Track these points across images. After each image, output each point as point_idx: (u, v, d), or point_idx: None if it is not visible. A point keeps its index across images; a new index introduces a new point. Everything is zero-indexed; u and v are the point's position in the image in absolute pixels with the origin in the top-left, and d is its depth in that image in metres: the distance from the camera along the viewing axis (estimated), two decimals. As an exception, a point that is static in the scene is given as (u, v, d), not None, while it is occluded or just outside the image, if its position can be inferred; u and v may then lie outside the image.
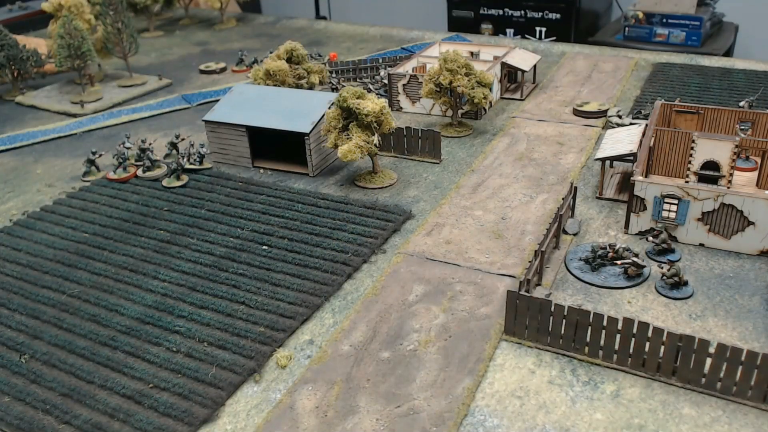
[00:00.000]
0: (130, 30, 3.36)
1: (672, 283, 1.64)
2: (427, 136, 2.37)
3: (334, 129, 2.15)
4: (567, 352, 1.48)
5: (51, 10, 3.55)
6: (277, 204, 2.13)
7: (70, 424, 1.37)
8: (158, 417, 1.37)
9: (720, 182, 1.94)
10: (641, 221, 1.86)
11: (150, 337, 1.59)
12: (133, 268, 1.86)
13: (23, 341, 1.61)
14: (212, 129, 2.45)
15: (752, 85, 2.92)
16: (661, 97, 2.78)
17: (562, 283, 1.71)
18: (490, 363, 1.48)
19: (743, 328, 1.53)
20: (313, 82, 2.81)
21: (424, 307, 1.66)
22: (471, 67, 2.49)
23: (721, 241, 1.79)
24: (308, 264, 1.82)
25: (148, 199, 2.22)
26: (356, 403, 1.39)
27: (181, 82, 3.48)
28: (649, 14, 5.48)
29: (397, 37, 4.11)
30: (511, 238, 1.91)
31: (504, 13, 6.45)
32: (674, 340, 1.35)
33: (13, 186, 2.43)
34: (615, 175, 2.20)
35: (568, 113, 2.74)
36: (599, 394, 1.38)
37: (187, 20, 4.81)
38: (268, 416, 1.37)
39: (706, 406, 1.34)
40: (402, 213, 2.04)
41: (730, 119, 2.15)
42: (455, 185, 2.22)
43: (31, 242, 2.03)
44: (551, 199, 2.10)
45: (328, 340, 1.57)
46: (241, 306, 1.67)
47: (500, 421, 1.34)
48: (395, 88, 2.86)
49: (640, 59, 3.38)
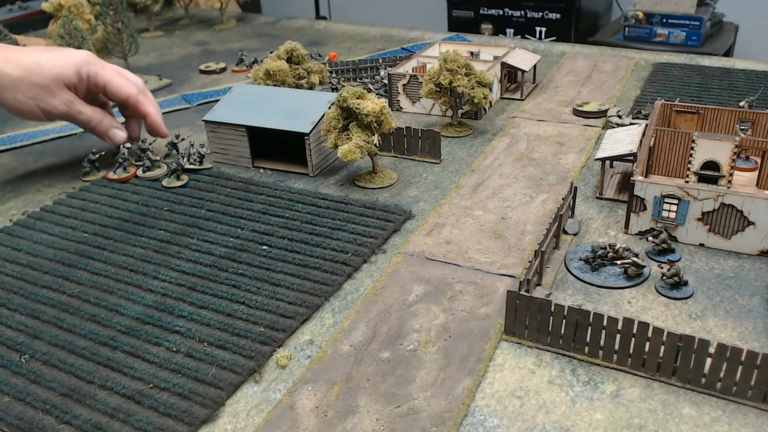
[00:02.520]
0: (130, 30, 3.36)
1: (672, 283, 1.64)
2: (427, 136, 2.38)
3: (334, 129, 2.15)
4: (567, 352, 1.48)
5: (51, 10, 3.56)
6: (277, 204, 2.13)
7: (70, 424, 1.37)
8: (158, 417, 1.37)
9: (720, 182, 1.94)
10: (641, 221, 1.86)
11: (150, 337, 1.59)
12: (133, 268, 1.86)
13: (23, 341, 1.61)
14: (212, 129, 2.45)
15: (752, 85, 2.92)
16: (661, 97, 2.78)
17: (562, 283, 1.71)
18: (490, 363, 1.48)
19: (743, 328, 1.53)
20: (313, 82, 2.81)
21: (424, 307, 1.66)
22: (471, 67, 2.49)
23: (721, 241, 1.79)
24: (308, 264, 1.82)
25: (148, 199, 2.22)
26: (356, 403, 1.39)
27: (181, 82, 3.48)
28: (649, 14, 5.48)
29: (397, 37, 4.11)
30: (511, 238, 1.91)
31: (504, 13, 6.45)
32: (674, 340, 1.35)
33: (13, 186, 2.44)
34: (615, 175, 2.20)
35: (568, 113, 2.74)
36: (599, 394, 1.38)
37: (187, 20, 4.81)
38: (268, 416, 1.37)
39: (706, 406, 1.34)
40: (402, 213, 2.04)
41: (730, 119, 2.15)
42: (455, 185, 2.22)
43: (31, 242, 2.03)
44: (551, 199, 2.10)
45: (328, 340, 1.57)
46: (241, 306, 1.67)
47: (500, 421, 1.34)
48: (395, 88, 2.86)
49: (640, 59, 3.38)
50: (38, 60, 2.23)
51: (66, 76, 2.25)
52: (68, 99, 2.28)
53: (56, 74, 2.24)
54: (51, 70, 2.23)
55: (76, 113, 2.32)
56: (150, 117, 2.43)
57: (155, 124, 2.45)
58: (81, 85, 2.31)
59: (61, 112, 2.29)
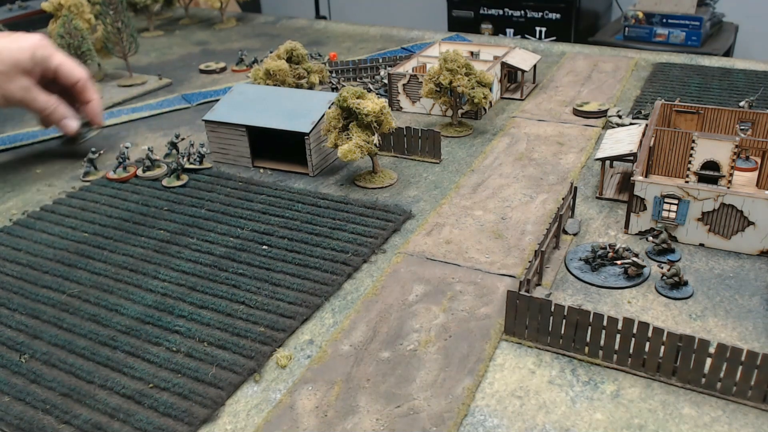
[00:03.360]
0: (130, 29, 3.36)
1: (672, 283, 1.64)
2: (427, 136, 2.37)
3: (334, 129, 2.15)
4: (567, 352, 1.48)
5: (51, 9, 3.56)
6: (277, 204, 2.13)
7: (70, 423, 1.37)
8: (158, 417, 1.37)
9: (720, 182, 1.94)
10: (641, 221, 1.86)
11: (150, 337, 1.59)
12: (133, 267, 1.86)
13: (23, 341, 1.61)
14: (212, 129, 2.45)
15: (752, 85, 2.92)
16: (661, 97, 2.78)
17: (562, 283, 1.71)
18: (490, 363, 1.48)
19: (743, 328, 1.53)
20: (313, 82, 2.81)
21: (424, 307, 1.66)
22: (471, 67, 2.49)
23: (721, 241, 1.79)
24: (308, 264, 1.82)
25: (148, 199, 2.22)
26: (356, 403, 1.39)
27: (181, 81, 3.48)
28: (649, 14, 5.48)
29: (397, 36, 4.11)
30: (511, 238, 1.91)
31: (504, 13, 6.46)
32: (674, 340, 1.35)
33: (13, 186, 2.43)
34: (615, 175, 2.20)
35: (568, 113, 2.74)
36: (599, 394, 1.38)
37: (187, 20, 4.81)
38: (268, 416, 1.37)
39: (706, 406, 1.34)
40: (402, 213, 2.04)
41: (730, 119, 2.15)
42: (455, 185, 2.22)
43: (31, 242, 2.02)
44: (551, 199, 2.10)
45: (328, 340, 1.57)
46: (241, 306, 1.67)
47: (500, 421, 1.34)
48: (395, 88, 2.86)
49: (640, 59, 3.38)
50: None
51: (22, 62, 2.29)
52: (24, 85, 2.31)
53: (14, 59, 2.27)
54: (9, 55, 2.26)
55: (31, 100, 2.35)
56: (93, 103, 2.52)
57: (97, 111, 2.54)
58: (36, 68, 2.35)
59: (18, 98, 2.32)
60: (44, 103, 2.37)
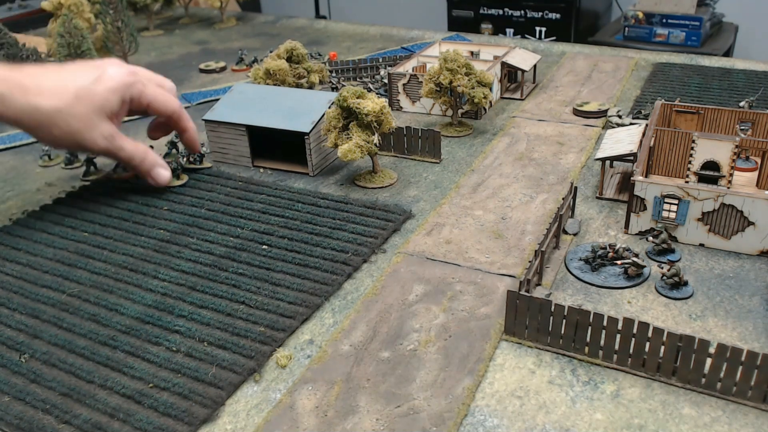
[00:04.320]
0: (129, 29, 3.36)
1: (672, 283, 1.64)
2: (427, 135, 2.37)
3: (334, 128, 2.15)
4: (567, 352, 1.48)
5: (51, 8, 3.56)
6: (277, 203, 2.13)
7: (70, 423, 1.37)
8: (158, 417, 1.37)
9: (720, 182, 1.94)
10: (641, 221, 1.86)
11: (150, 337, 1.59)
12: (133, 267, 1.86)
13: (23, 341, 1.61)
14: (212, 128, 2.45)
15: (752, 85, 2.92)
16: (661, 97, 2.78)
17: (562, 283, 1.71)
18: (490, 363, 1.48)
19: (743, 328, 1.53)
20: (313, 82, 2.81)
21: (424, 306, 1.65)
22: (471, 66, 2.49)
23: (721, 241, 1.79)
24: (308, 263, 1.82)
25: (148, 199, 2.22)
26: (356, 403, 1.39)
27: (180, 81, 3.47)
28: (649, 14, 5.48)
29: (397, 36, 4.11)
30: (511, 238, 1.91)
31: (504, 12, 6.46)
32: (674, 340, 1.35)
33: (13, 185, 2.43)
34: (615, 175, 2.20)
35: (568, 113, 2.74)
36: (599, 394, 1.38)
37: (187, 19, 4.81)
38: (268, 416, 1.37)
39: (706, 406, 1.34)
40: (402, 213, 2.04)
41: (730, 119, 2.15)
42: (455, 185, 2.22)
43: (31, 241, 2.02)
44: (551, 199, 2.10)
45: (328, 339, 1.57)
46: (241, 305, 1.67)
47: (500, 421, 1.34)
48: (395, 88, 2.86)
49: (640, 59, 3.39)
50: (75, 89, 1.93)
51: (109, 107, 1.98)
52: (110, 133, 2.00)
53: (98, 105, 1.95)
54: (92, 101, 1.94)
55: (117, 150, 2.05)
56: (189, 133, 2.27)
57: (193, 140, 2.30)
58: (123, 109, 2.06)
59: (101, 147, 2.03)
60: (132, 152, 2.06)
